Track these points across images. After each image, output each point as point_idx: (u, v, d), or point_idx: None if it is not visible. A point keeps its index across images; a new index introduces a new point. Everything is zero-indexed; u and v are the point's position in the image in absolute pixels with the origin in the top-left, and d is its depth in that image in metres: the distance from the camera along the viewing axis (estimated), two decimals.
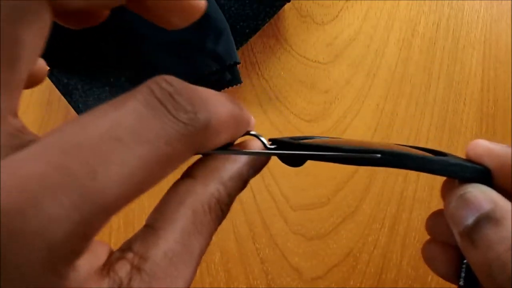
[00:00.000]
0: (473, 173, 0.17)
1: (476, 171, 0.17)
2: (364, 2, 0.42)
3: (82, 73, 0.36)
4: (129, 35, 0.35)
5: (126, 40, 0.35)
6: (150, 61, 0.36)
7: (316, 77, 0.40)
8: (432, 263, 0.20)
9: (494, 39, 0.41)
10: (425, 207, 0.37)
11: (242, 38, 0.37)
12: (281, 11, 0.38)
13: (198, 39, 0.35)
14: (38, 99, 0.40)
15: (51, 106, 0.40)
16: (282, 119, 0.39)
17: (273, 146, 0.17)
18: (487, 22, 0.41)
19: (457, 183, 0.17)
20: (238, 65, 0.36)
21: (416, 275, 0.36)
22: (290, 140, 0.17)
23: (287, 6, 0.38)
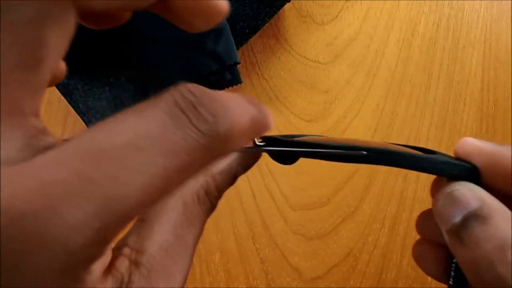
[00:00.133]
0: (461, 171, 0.17)
1: (465, 169, 0.17)
2: (364, 2, 0.42)
3: (82, 73, 0.36)
4: (129, 35, 0.35)
5: (127, 40, 0.35)
6: (151, 61, 0.36)
7: (316, 77, 0.40)
8: (422, 263, 0.20)
9: (494, 39, 0.41)
10: (425, 207, 0.36)
11: (242, 38, 0.37)
12: (281, 11, 0.38)
13: (198, 39, 0.35)
14: None
15: (51, 106, 0.40)
16: (282, 119, 0.39)
17: (262, 143, 0.17)
18: (487, 22, 0.41)
19: (445, 181, 0.17)
20: (238, 65, 0.36)
21: (416, 275, 0.36)
22: (280, 137, 0.17)
23: (287, 6, 0.38)
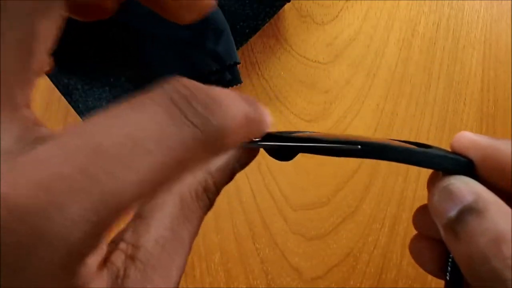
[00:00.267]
0: (456, 165, 0.17)
1: (460, 163, 0.17)
2: (364, 2, 0.42)
3: (82, 73, 0.36)
4: (129, 34, 0.35)
5: (126, 40, 0.35)
6: (150, 61, 0.36)
7: (316, 77, 0.40)
8: (419, 259, 0.20)
9: (494, 39, 0.41)
10: None
11: (242, 38, 0.37)
12: (281, 11, 0.38)
13: (198, 39, 0.35)
14: (38, 99, 0.40)
15: (51, 106, 0.40)
16: (282, 119, 0.39)
17: (256, 139, 0.17)
18: (487, 22, 0.41)
19: (441, 175, 0.17)
20: (238, 65, 0.36)
21: (416, 275, 0.36)
22: (276, 133, 0.17)
23: (287, 6, 0.38)
